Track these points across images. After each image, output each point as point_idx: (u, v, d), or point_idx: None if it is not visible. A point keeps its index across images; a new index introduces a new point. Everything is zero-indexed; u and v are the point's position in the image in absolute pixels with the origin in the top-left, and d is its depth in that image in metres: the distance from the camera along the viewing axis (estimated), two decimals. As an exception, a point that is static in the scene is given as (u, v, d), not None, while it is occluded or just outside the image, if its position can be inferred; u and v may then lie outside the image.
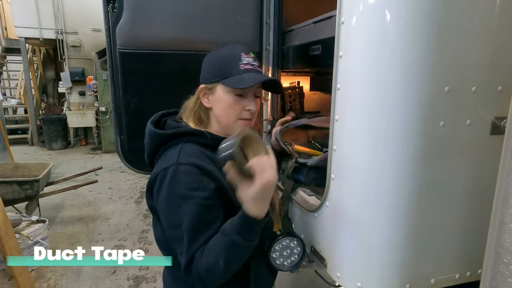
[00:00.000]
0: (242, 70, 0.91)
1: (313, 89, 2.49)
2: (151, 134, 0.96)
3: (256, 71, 0.93)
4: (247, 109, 0.94)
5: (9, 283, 2.21)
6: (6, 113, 8.13)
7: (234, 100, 0.93)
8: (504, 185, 0.40)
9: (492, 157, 0.87)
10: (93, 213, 4.00)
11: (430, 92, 0.80)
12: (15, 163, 3.63)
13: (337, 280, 1.00)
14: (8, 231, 2.03)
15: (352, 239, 0.95)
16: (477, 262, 0.96)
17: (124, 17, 1.51)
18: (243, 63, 0.92)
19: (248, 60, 0.93)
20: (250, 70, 0.92)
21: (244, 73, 0.91)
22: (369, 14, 0.84)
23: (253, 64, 0.94)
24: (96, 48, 7.03)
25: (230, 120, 0.95)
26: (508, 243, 0.39)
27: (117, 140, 1.64)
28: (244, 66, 0.92)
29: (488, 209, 0.44)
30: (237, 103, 0.93)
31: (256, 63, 0.95)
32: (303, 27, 1.63)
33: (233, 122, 0.95)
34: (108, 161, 6.12)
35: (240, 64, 0.92)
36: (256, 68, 0.94)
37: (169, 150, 0.93)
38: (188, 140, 0.93)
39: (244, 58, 0.93)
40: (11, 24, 7.02)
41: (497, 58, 0.84)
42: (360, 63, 0.87)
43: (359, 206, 0.92)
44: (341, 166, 0.95)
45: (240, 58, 0.93)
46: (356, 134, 0.90)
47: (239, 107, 0.94)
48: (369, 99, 0.86)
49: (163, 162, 0.90)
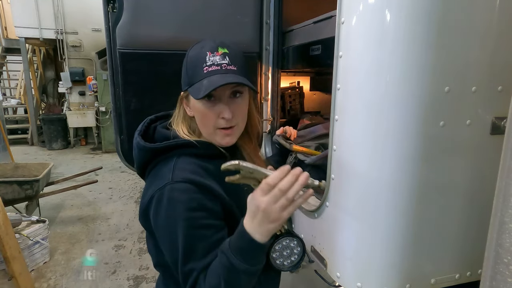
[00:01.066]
0: (205, 74, 0.80)
1: (313, 89, 2.49)
2: (139, 148, 0.88)
3: (222, 71, 0.80)
4: (221, 116, 0.83)
5: (9, 283, 2.21)
6: (6, 113, 8.14)
7: (205, 108, 0.83)
8: (504, 185, 0.40)
9: (492, 157, 0.87)
10: (93, 213, 4.00)
11: (430, 92, 0.80)
12: (15, 163, 3.64)
13: (337, 280, 1.00)
14: (8, 231, 2.03)
15: (352, 239, 0.95)
16: (477, 262, 0.96)
17: (124, 17, 1.51)
18: (207, 64, 0.81)
19: (213, 60, 0.81)
20: (214, 72, 0.80)
21: (206, 78, 0.80)
22: (369, 14, 0.84)
23: (220, 64, 0.81)
24: (96, 48, 7.02)
25: (208, 131, 0.86)
26: (508, 243, 0.39)
27: (117, 140, 1.64)
28: (207, 68, 0.80)
29: (488, 209, 0.44)
30: (209, 111, 0.83)
31: (225, 61, 0.81)
32: (303, 27, 1.63)
33: (212, 132, 0.86)
34: (108, 161, 6.12)
35: (204, 67, 0.81)
36: (224, 67, 0.81)
37: (161, 164, 0.86)
38: (181, 152, 0.85)
39: (209, 59, 0.81)
40: (11, 24, 7.02)
41: (497, 58, 0.84)
42: (360, 63, 0.87)
43: (359, 206, 0.92)
44: (341, 166, 0.95)
45: (204, 60, 0.81)
46: (356, 134, 0.90)
47: (213, 115, 0.83)
48: (369, 99, 0.86)
49: (157, 180, 0.82)
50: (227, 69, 0.81)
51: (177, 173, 0.80)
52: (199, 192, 0.78)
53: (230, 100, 0.84)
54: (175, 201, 0.77)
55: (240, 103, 0.86)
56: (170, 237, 0.79)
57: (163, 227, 0.80)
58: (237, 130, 0.88)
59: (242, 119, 0.88)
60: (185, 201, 0.77)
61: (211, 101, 0.82)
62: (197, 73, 0.81)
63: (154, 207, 0.80)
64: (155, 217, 0.80)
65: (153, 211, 0.80)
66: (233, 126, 0.85)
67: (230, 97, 0.84)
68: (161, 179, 0.81)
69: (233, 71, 0.81)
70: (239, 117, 0.86)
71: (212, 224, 0.79)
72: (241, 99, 0.86)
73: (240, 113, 0.87)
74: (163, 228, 0.80)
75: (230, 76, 0.80)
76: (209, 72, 0.80)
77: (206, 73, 0.80)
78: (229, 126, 0.85)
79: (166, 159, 0.85)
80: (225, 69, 0.81)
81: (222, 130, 0.85)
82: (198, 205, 0.77)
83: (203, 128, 0.87)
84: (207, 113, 0.83)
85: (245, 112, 0.89)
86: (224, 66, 0.81)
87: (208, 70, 0.80)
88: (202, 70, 0.81)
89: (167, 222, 0.78)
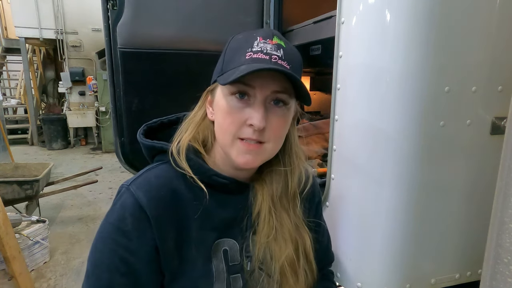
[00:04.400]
0: (246, 61, 0.57)
1: (313, 89, 2.50)
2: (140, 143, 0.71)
3: (269, 63, 0.57)
4: (249, 123, 0.58)
5: (9, 283, 2.21)
6: (6, 113, 8.13)
7: (231, 106, 0.59)
8: (504, 185, 0.40)
9: (492, 157, 0.87)
10: (93, 213, 4.00)
11: (430, 92, 0.80)
12: (15, 163, 3.63)
13: (337, 280, 1.00)
14: (8, 231, 2.03)
15: (352, 239, 0.95)
16: (477, 262, 0.96)
17: (125, 15, 1.48)
18: (253, 50, 0.58)
19: (263, 47, 0.58)
20: (258, 61, 0.56)
21: (246, 64, 0.56)
22: (369, 14, 0.84)
23: (269, 53, 0.57)
24: (96, 48, 7.02)
25: (226, 140, 0.61)
26: (508, 243, 0.39)
27: (116, 142, 1.60)
28: (251, 55, 0.57)
29: (488, 209, 0.44)
30: (236, 111, 0.59)
31: (278, 53, 0.58)
32: (303, 27, 1.63)
33: (230, 143, 0.60)
34: (108, 161, 6.12)
35: (248, 52, 0.58)
36: (274, 59, 0.57)
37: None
38: (166, 158, 0.65)
39: (258, 44, 0.58)
40: (11, 24, 7.02)
41: (497, 58, 0.84)
42: (360, 63, 0.87)
43: (359, 206, 0.92)
44: (341, 166, 0.95)
45: (251, 44, 0.58)
46: (356, 134, 0.90)
47: (238, 118, 0.59)
48: (369, 99, 0.86)
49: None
50: (278, 63, 0.57)
51: (140, 180, 0.63)
52: (138, 218, 0.59)
53: (270, 106, 0.60)
54: (112, 211, 0.62)
55: (281, 116, 0.61)
56: (89, 254, 0.62)
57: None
58: (266, 150, 0.61)
59: (277, 138, 0.62)
60: (119, 218, 0.60)
61: (243, 99, 0.59)
62: (237, 58, 0.59)
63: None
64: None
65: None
66: (262, 142, 0.60)
67: (270, 103, 0.60)
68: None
69: (285, 68, 0.57)
70: (273, 133, 0.60)
71: (134, 265, 0.59)
72: (285, 111, 0.61)
73: (277, 129, 0.61)
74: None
75: (271, 64, 0.57)
76: (253, 60, 0.57)
77: (248, 59, 0.57)
78: (255, 139, 0.59)
79: (156, 162, 0.70)
80: (274, 62, 0.57)
81: (245, 143, 0.59)
82: (129, 230, 0.59)
83: (221, 136, 0.62)
84: (232, 113, 0.59)
85: (284, 130, 0.63)
86: (274, 58, 0.57)
87: (252, 57, 0.57)
88: (244, 56, 0.58)
89: (98, 231, 0.62)
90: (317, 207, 0.80)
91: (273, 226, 0.66)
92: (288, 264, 0.67)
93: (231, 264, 0.66)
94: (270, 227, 0.66)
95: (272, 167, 0.69)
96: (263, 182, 0.68)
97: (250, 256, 0.67)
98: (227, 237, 0.66)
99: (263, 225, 0.66)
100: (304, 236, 0.70)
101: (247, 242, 0.67)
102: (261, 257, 0.66)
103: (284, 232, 0.67)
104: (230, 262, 0.66)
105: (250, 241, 0.67)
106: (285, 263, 0.66)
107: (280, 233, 0.67)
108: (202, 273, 0.63)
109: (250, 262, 0.67)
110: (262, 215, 0.66)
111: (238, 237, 0.67)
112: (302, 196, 0.72)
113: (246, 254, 0.67)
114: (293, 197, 0.70)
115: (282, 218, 0.68)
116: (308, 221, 0.73)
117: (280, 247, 0.66)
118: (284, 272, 0.67)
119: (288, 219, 0.68)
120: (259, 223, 0.66)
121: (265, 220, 0.66)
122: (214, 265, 0.64)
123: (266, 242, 0.66)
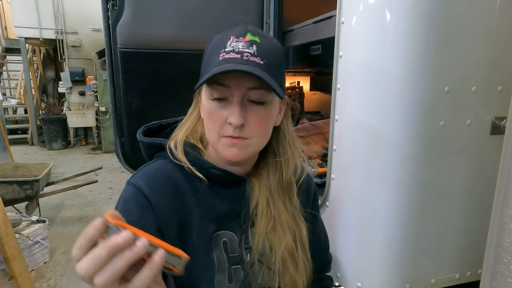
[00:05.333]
0: (218, 62, 0.58)
1: (313, 89, 2.50)
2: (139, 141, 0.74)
3: (241, 61, 0.57)
4: (228, 121, 0.60)
5: (9, 283, 2.21)
6: (6, 113, 8.13)
7: (212, 108, 0.62)
8: (504, 185, 0.40)
9: (492, 157, 0.87)
10: (93, 213, 3.99)
11: (430, 92, 0.81)
12: (15, 163, 3.63)
13: (337, 280, 1.00)
14: (8, 231, 2.03)
15: (352, 239, 0.95)
16: (477, 262, 0.96)
17: (125, 15, 1.48)
18: (225, 50, 0.58)
19: (235, 46, 0.58)
20: (230, 60, 0.57)
21: (217, 66, 0.57)
22: (369, 14, 0.84)
23: (241, 52, 0.58)
24: (96, 48, 7.02)
25: (212, 139, 0.63)
26: (508, 243, 0.39)
27: (116, 143, 1.60)
28: (224, 55, 0.58)
29: (488, 209, 0.44)
30: (216, 112, 0.61)
31: (249, 50, 0.58)
32: (303, 27, 1.63)
33: (216, 141, 0.63)
34: (108, 161, 6.12)
35: (221, 53, 0.59)
36: (245, 57, 0.57)
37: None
38: (165, 155, 0.68)
39: (230, 44, 0.59)
40: (11, 24, 7.02)
41: (497, 58, 0.84)
42: (360, 63, 0.87)
43: (359, 206, 0.92)
44: (341, 166, 0.95)
45: (224, 44, 0.59)
46: (356, 134, 0.90)
47: (218, 118, 0.61)
48: (369, 99, 0.86)
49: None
50: (249, 60, 0.57)
51: (140, 173, 0.66)
52: (141, 205, 0.61)
53: (248, 104, 0.61)
54: (117, 206, 0.63)
55: (259, 112, 0.61)
56: None
57: None
58: (250, 145, 0.63)
59: (260, 134, 0.63)
60: (125, 209, 0.61)
61: (222, 101, 0.61)
62: (212, 60, 0.60)
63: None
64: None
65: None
66: (245, 138, 0.62)
67: (248, 101, 0.61)
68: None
69: (257, 65, 0.57)
70: (255, 129, 0.62)
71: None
72: (263, 109, 0.62)
73: (258, 125, 0.62)
74: None
75: (248, 67, 0.56)
76: (225, 60, 0.58)
77: (220, 60, 0.58)
78: (237, 136, 0.61)
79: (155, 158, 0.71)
80: (246, 60, 0.57)
81: (228, 138, 0.62)
82: (135, 220, 0.58)
83: (208, 135, 0.65)
84: (214, 114, 0.62)
85: (266, 125, 0.64)
86: (246, 55, 0.57)
87: (224, 57, 0.58)
88: (217, 57, 0.59)
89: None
90: (314, 202, 0.80)
91: (271, 217, 0.67)
92: (288, 253, 0.68)
93: (231, 255, 0.67)
94: (268, 218, 0.67)
95: (266, 159, 0.71)
96: (260, 175, 0.70)
97: (249, 247, 0.68)
98: (226, 230, 0.67)
99: (261, 216, 0.67)
100: (301, 225, 0.71)
101: (245, 234, 0.68)
102: (261, 249, 0.67)
103: (282, 222, 0.68)
104: (230, 253, 0.67)
105: (249, 233, 0.68)
106: (285, 252, 0.67)
107: (279, 223, 0.68)
108: (204, 263, 0.64)
109: (249, 253, 0.68)
110: (260, 207, 0.67)
111: (236, 230, 0.68)
112: (298, 185, 0.73)
113: (245, 246, 0.68)
114: (289, 186, 0.71)
115: (279, 208, 0.69)
116: (304, 211, 0.74)
117: (279, 237, 0.67)
118: (284, 261, 0.67)
119: (284, 208, 0.70)
120: (257, 214, 0.67)
121: (263, 211, 0.67)
122: (216, 255, 0.65)
123: (265, 233, 0.67)
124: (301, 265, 0.70)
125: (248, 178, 0.70)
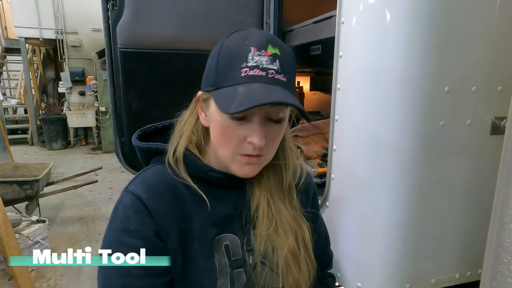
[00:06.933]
0: (242, 79, 0.56)
1: (313, 89, 2.50)
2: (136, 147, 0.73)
3: (267, 80, 0.56)
4: (249, 140, 0.58)
5: (9, 283, 2.21)
6: (6, 113, 8.13)
7: (229, 124, 0.59)
8: (504, 185, 0.40)
9: (492, 157, 0.87)
10: (93, 213, 3.99)
11: (430, 92, 0.80)
12: (15, 163, 3.63)
13: (337, 280, 1.00)
14: (8, 231, 2.03)
15: (352, 239, 0.95)
16: (477, 262, 0.96)
17: (125, 15, 1.48)
18: (249, 65, 0.56)
19: (259, 61, 0.56)
20: (256, 79, 0.55)
21: (242, 85, 0.55)
22: (369, 14, 0.84)
23: (265, 68, 0.56)
24: (96, 48, 7.02)
25: (225, 154, 0.61)
26: (508, 243, 0.39)
27: (116, 143, 1.60)
28: (247, 71, 0.55)
29: (488, 209, 0.44)
30: (235, 129, 0.59)
31: (274, 66, 0.56)
32: (303, 27, 1.63)
33: (230, 157, 0.61)
34: (108, 161, 6.12)
35: (243, 68, 0.56)
36: (270, 75, 0.56)
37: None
38: (162, 160, 0.67)
39: (253, 57, 0.56)
40: (11, 24, 7.02)
41: (497, 58, 0.84)
42: (360, 63, 0.87)
43: (359, 206, 0.92)
44: (341, 166, 0.95)
45: (245, 57, 0.56)
46: (356, 134, 0.90)
47: (237, 137, 0.59)
48: (369, 99, 0.86)
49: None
50: (275, 78, 0.57)
51: (137, 180, 0.65)
52: (141, 214, 0.61)
53: (266, 122, 0.59)
54: (116, 214, 0.63)
55: (277, 131, 0.61)
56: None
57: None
58: (264, 161, 0.64)
59: (273, 149, 0.64)
60: (123, 219, 0.61)
61: (240, 119, 0.58)
62: (232, 73, 0.57)
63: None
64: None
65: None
66: (261, 155, 0.61)
67: (267, 118, 0.60)
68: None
69: (282, 84, 0.57)
70: (271, 145, 0.62)
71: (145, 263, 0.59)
72: (280, 126, 0.61)
73: (274, 142, 0.62)
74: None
75: (278, 90, 0.56)
76: (250, 78, 0.55)
77: (244, 77, 0.56)
78: (256, 154, 0.60)
79: (151, 164, 0.71)
80: (271, 78, 0.56)
81: (245, 157, 0.60)
82: (135, 229, 0.60)
83: (220, 149, 0.63)
84: (231, 132, 0.59)
85: (279, 140, 0.65)
86: (271, 73, 0.56)
87: (248, 74, 0.56)
88: (239, 71, 0.56)
89: (104, 237, 0.63)
90: (313, 200, 0.81)
91: (272, 219, 0.67)
92: (291, 254, 0.68)
93: (234, 258, 0.66)
94: (269, 219, 0.67)
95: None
96: (260, 177, 0.69)
97: (252, 249, 0.67)
98: (228, 233, 0.67)
99: (263, 218, 0.67)
100: (303, 226, 0.71)
101: (247, 237, 0.68)
102: (263, 250, 0.67)
103: (284, 223, 0.68)
104: (232, 257, 0.66)
105: (251, 235, 0.68)
106: (287, 253, 0.67)
107: (280, 224, 0.68)
108: (205, 269, 0.64)
109: (252, 255, 0.67)
110: (260, 209, 0.67)
111: (238, 232, 0.68)
112: (297, 188, 0.73)
113: (248, 248, 0.67)
114: (288, 189, 0.71)
115: (280, 210, 0.69)
116: (305, 211, 0.74)
117: (281, 239, 0.67)
118: (287, 262, 0.67)
119: (285, 210, 0.69)
120: (258, 217, 0.67)
121: (264, 213, 0.67)
122: (217, 260, 0.65)
123: (267, 234, 0.67)
124: (304, 265, 0.70)
125: (248, 180, 0.69)
